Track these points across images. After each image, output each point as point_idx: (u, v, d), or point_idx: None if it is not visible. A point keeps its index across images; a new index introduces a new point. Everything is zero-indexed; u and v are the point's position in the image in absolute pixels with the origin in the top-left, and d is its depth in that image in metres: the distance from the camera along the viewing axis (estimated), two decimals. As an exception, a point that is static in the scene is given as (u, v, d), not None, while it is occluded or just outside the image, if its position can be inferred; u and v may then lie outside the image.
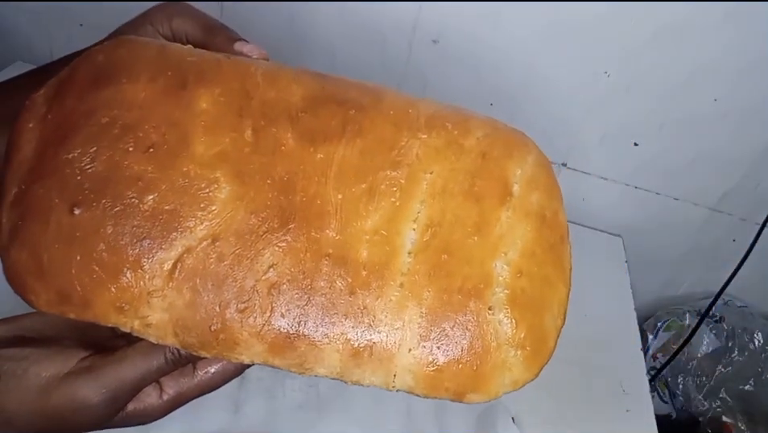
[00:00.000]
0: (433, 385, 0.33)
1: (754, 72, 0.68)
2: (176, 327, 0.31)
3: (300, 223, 0.32)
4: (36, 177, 0.32)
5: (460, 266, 0.33)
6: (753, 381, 0.85)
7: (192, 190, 0.31)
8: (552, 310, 0.37)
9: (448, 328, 0.32)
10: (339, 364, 0.32)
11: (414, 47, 0.72)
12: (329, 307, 0.31)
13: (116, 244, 0.31)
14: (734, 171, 0.77)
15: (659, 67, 0.69)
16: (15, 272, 0.32)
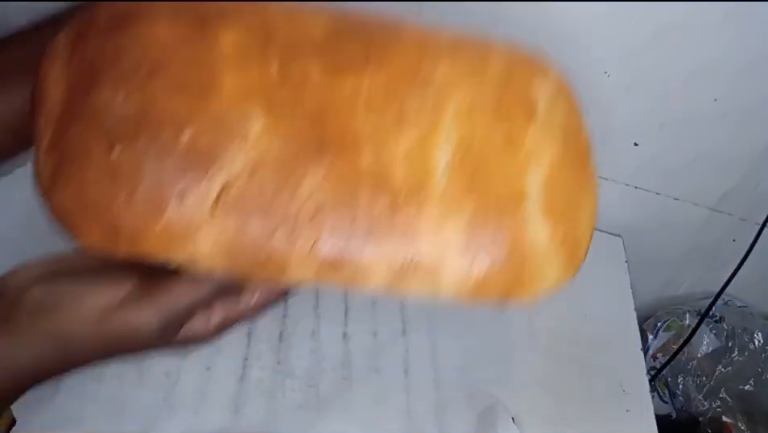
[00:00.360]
0: (477, 293, 0.34)
1: (754, 72, 0.68)
2: (225, 257, 0.32)
3: (336, 150, 0.32)
4: (70, 120, 0.32)
5: (494, 181, 0.34)
6: (753, 381, 0.85)
7: (226, 124, 0.32)
8: (585, 214, 0.39)
9: (487, 239, 0.33)
10: (386, 280, 0.33)
11: (414, 47, 0.72)
12: (373, 226, 0.32)
13: (158, 180, 0.31)
14: (734, 171, 0.77)
15: (659, 67, 0.69)
16: (62, 213, 0.32)
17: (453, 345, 0.62)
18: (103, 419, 0.48)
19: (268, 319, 0.59)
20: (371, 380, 0.57)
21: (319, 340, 0.59)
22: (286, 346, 0.57)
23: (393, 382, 0.57)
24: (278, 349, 0.57)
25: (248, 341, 0.57)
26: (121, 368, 0.52)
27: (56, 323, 0.34)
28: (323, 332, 0.59)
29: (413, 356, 0.60)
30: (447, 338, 0.62)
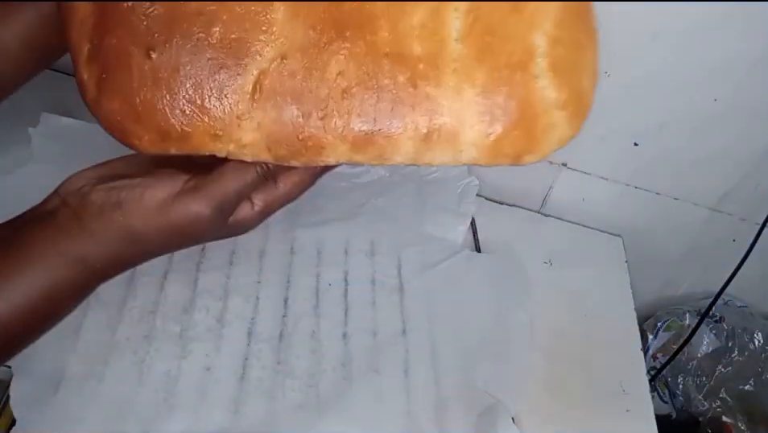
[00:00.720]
0: (495, 153, 0.37)
1: (754, 72, 0.68)
2: (268, 143, 0.35)
3: (354, 29, 0.35)
4: (104, 30, 0.34)
5: (504, 44, 0.36)
6: (753, 381, 0.85)
7: (251, 16, 0.34)
8: (588, 70, 0.43)
9: (501, 101, 0.36)
10: (413, 150, 0.36)
11: (414, 47, 0.72)
12: (397, 100, 0.35)
13: (197, 78, 0.34)
14: (734, 171, 0.77)
15: (659, 67, 0.69)
16: (113, 120, 0.35)
17: (453, 345, 0.62)
18: (103, 419, 0.48)
19: (268, 319, 0.59)
20: (371, 380, 0.57)
21: (319, 340, 0.59)
22: (286, 346, 0.57)
23: (393, 382, 0.57)
24: (279, 349, 0.57)
25: (248, 341, 0.57)
26: (122, 368, 0.51)
27: (123, 218, 0.37)
28: (323, 332, 0.59)
29: (413, 356, 0.60)
30: (447, 338, 0.62)
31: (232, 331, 0.57)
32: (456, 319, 0.64)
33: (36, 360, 0.50)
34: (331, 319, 0.61)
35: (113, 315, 0.54)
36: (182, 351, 0.54)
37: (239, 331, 0.57)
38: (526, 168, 0.83)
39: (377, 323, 0.62)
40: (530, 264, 0.74)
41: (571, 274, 0.75)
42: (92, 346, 0.52)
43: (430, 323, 0.63)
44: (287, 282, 0.62)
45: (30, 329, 0.39)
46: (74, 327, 0.52)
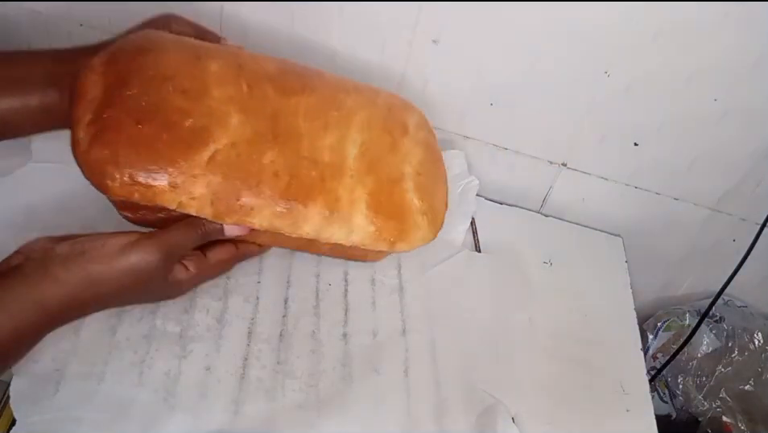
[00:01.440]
0: (377, 236, 0.53)
1: (754, 72, 0.68)
2: (213, 199, 0.47)
3: (285, 138, 0.51)
4: (107, 106, 0.47)
5: (385, 167, 0.54)
6: (753, 381, 0.85)
7: (215, 116, 0.49)
8: (440, 196, 0.58)
9: (383, 199, 0.53)
10: (318, 223, 0.50)
11: (415, 47, 0.72)
12: (311, 186, 0.50)
13: (171, 144, 0.46)
14: (734, 171, 0.77)
15: (659, 67, 0.69)
16: (96, 165, 0.45)
17: (453, 345, 0.62)
18: (103, 419, 0.48)
19: (268, 318, 0.59)
20: (371, 380, 0.57)
21: (319, 340, 0.59)
22: (286, 346, 0.57)
23: (393, 382, 0.57)
24: (279, 349, 0.57)
25: (248, 341, 0.57)
26: (121, 368, 0.51)
27: (86, 262, 0.45)
28: (323, 332, 0.59)
29: (413, 356, 0.60)
30: (447, 338, 0.62)
31: (232, 331, 0.57)
32: (456, 319, 0.64)
33: (36, 360, 0.50)
34: (331, 319, 0.61)
35: (113, 315, 0.54)
36: (182, 351, 0.54)
37: (239, 331, 0.57)
38: (526, 168, 0.83)
39: (377, 323, 0.62)
40: (530, 264, 0.74)
41: (571, 274, 0.75)
42: (92, 346, 0.52)
43: (430, 323, 0.63)
44: (287, 282, 0.62)
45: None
46: (74, 327, 0.52)
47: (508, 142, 0.79)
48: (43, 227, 0.58)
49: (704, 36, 0.66)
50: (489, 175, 0.81)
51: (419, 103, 0.77)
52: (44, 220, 0.59)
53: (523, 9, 0.67)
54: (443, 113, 0.78)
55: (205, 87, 0.50)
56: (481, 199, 0.81)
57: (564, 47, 0.70)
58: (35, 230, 0.58)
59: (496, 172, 0.81)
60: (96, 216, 0.61)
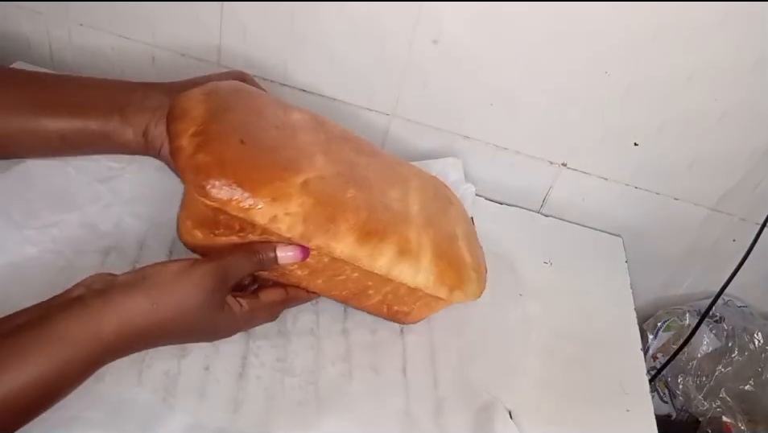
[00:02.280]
0: (439, 280, 0.55)
1: (754, 72, 0.68)
2: (305, 216, 0.50)
3: (361, 184, 0.55)
4: (211, 122, 0.50)
5: (442, 225, 0.59)
6: (753, 381, 0.85)
7: (303, 153, 0.53)
8: (483, 263, 0.62)
9: (444, 249, 0.57)
10: (390, 257, 0.53)
11: (415, 47, 0.72)
12: (386, 224, 0.54)
13: (270, 165, 0.50)
14: (734, 171, 0.77)
15: (659, 67, 0.69)
16: (202, 167, 0.47)
17: (451, 344, 0.62)
18: (103, 419, 0.48)
19: None
20: (369, 378, 0.57)
21: (318, 337, 0.59)
22: (284, 343, 0.58)
23: (391, 381, 0.58)
24: (277, 347, 0.57)
25: (247, 339, 0.57)
26: (121, 367, 0.51)
27: (147, 287, 0.46)
28: (321, 329, 0.60)
29: (411, 355, 0.60)
30: (444, 337, 0.63)
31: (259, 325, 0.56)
32: (454, 319, 0.65)
33: None
34: (330, 316, 0.61)
35: None
36: (181, 350, 0.54)
37: None
38: (526, 168, 0.83)
39: (376, 321, 0.62)
40: (530, 264, 0.74)
41: (571, 274, 0.75)
42: None
43: (428, 322, 0.63)
44: None
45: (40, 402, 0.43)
46: None
47: (508, 142, 0.79)
48: (41, 224, 0.59)
49: (704, 36, 0.66)
50: (489, 175, 0.81)
51: (420, 103, 0.77)
52: (43, 216, 0.60)
53: (523, 9, 0.67)
54: (443, 113, 0.78)
55: (293, 129, 0.55)
56: (481, 199, 0.82)
57: (564, 47, 0.70)
58: (34, 227, 0.58)
59: (496, 172, 0.82)
60: (94, 212, 0.62)
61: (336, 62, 0.76)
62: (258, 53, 0.77)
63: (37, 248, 0.58)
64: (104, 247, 0.60)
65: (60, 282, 0.55)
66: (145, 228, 0.63)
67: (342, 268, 0.54)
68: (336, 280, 0.56)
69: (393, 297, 0.58)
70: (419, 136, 0.80)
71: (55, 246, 0.58)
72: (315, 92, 0.79)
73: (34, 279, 0.55)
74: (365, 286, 0.57)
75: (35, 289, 0.54)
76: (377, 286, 0.57)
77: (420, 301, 0.59)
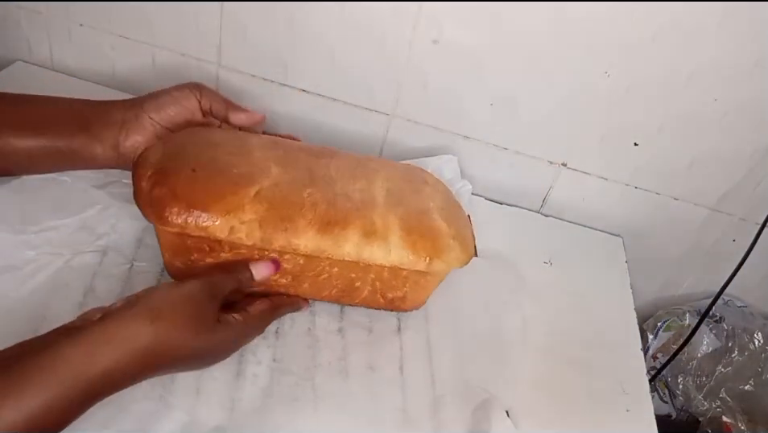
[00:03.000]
0: (414, 255, 0.56)
1: (754, 72, 0.68)
2: (261, 222, 0.53)
3: (320, 182, 0.57)
4: (165, 161, 0.54)
5: (412, 202, 0.60)
6: (753, 381, 0.85)
7: (257, 167, 0.56)
8: (467, 231, 0.62)
9: (414, 223, 0.57)
10: (357, 241, 0.55)
11: (414, 47, 0.72)
12: (347, 212, 0.55)
13: (222, 184, 0.53)
14: (734, 171, 0.77)
15: (659, 67, 0.69)
16: (156, 200, 0.52)
17: (448, 343, 0.62)
18: (99, 418, 0.48)
19: None
20: (366, 376, 0.57)
21: (314, 336, 0.59)
22: (282, 343, 0.58)
23: (388, 379, 0.58)
24: (275, 346, 0.57)
25: None
26: None
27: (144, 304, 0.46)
28: (318, 328, 0.60)
29: (408, 354, 0.60)
30: (441, 336, 0.63)
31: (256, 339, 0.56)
32: (451, 318, 0.65)
33: None
34: (327, 315, 0.61)
35: None
36: None
37: None
38: (526, 168, 0.83)
39: (372, 320, 0.62)
40: (530, 264, 0.74)
41: (571, 274, 0.75)
42: None
43: (425, 321, 0.64)
44: None
45: None
46: None
47: (508, 142, 0.79)
48: (39, 228, 0.59)
49: (704, 36, 0.66)
50: (489, 175, 0.81)
51: (420, 103, 0.77)
52: (41, 221, 0.60)
53: (523, 9, 0.67)
54: (443, 113, 0.78)
55: (249, 150, 0.58)
56: (481, 199, 0.82)
57: (564, 47, 0.70)
58: (32, 232, 0.59)
59: (496, 172, 0.82)
60: (92, 216, 0.62)
61: (336, 62, 0.76)
62: (258, 53, 0.77)
63: (35, 251, 0.58)
64: (102, 247, 0.60)
65: (59, 281, 0.56)
66: (142, 227, 0.63)
67: (320, 265, 0.56)
68: (320, 280, 0.58)
69: (381, 284, 0.59)
70: (419, 136, 0.80)
71: (53, 249, 0.58)
72: (315, 92, 0.79)
73: (33, 280, 0.56)
74: (349, 279, 0.58)
75: (33, 289, 0.55)
76: (361, 277, 0.58)
77: (409, 282, 0.59)
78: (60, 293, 0.56)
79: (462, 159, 0.80)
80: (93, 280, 0.58)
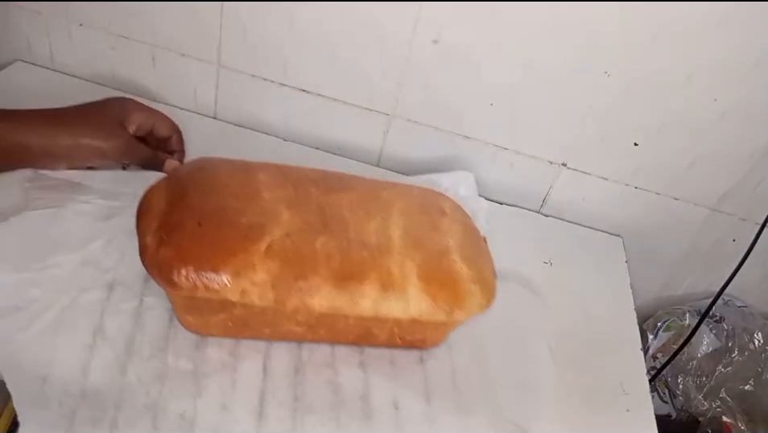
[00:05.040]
0: (433, 307, 0.53)
1: (754, 72, 0.68)
2: (273, 282, 0.50)
3: (333, 226, 0.54)
4: (171, 213, 0.52)
5: (430, 242, 0.57)
6: (753, 381, 0.85)
7: (267, 214, 0.53)
8: (488, 268, 0.59)
9: (433, 269, 0.54)
10: (374, 296, 0.52)
11: (415, 47, 0.72)
12: (362, 264, 0.53)
13: (230, 238, 0.51)
14: (734, 171, 0.77)
15: (659, 67, 0.69)
16: (164, 262, 0.49)
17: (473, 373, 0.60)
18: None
19: (283, 351, 0.57)
20: (392, 412, 0.55)
21: (335, 371, 0.56)
22: (301, 380, 0.55)
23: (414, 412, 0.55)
24: (294, 384, 0.55)
25: (263, 376, 0.54)
26: (134, 412, 0.49)
27: None
28: (338, 362, 0.57)
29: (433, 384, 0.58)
30: (466, 365, 0.60)
31: (247, 367, 0.55)
32: (475, 346, 0.62)
33: (44, 407, 0.47)
34: (347, 348, 0.58)
35: (121, 353, 0.52)
36: (196, 389, 0.52)
37: (255, 366, 0.55)
38: (526, 168, 0.83)
39: (394, 352, 0.59)
40: (530, 264, 0.74)
41: (571, 274, 0.75)
42: (102, 388, 0.50)
43: (448, 349, 0.61)
44: None
45: None
46: (81, 368, 0.50)
47: (508, 142, 0.79)
48: (43, 266, 0.57)
49: (704, 36, 0.66)
50: (489, 175, 0.81)
51: (420, 103, 0.77)
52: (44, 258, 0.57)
53: (523, 9, 0.67)
54: (443, 113, 0.78)
55: (256, 191, 0.55)
56: (481, 199, 0.81)
57: (564, 47, 0.70)
58: (35, 269, 0.56)
59: (496, 172, 0.82)
60: (96, 249, 0.60)
61: (336, 62, 0.76)
62: (257, 53, 0.77)
63: (41, 289, 0.55)
64: (108, 282, 0.58)
65: (66, 321, 0.53)
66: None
67: (336, 317, 0.53)
68: (336, 328, 0.55)
69: (399, 330, 0.57)
70: (419, 136, 0.80)
71: (58, 286, 0.56)
72: (315, 92, 0.79)
73: (39, 320, 0.53)
74: (366, 327, 0.56)
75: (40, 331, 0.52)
76: (378, 325, 0.56)
77: (429, 327, 0.57)
78: (68, 334, 0.53)
79: (462, 159, 0.80)
80: (102, 319, 0.55)
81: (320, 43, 0.74)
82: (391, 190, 0.61)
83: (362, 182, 0.62)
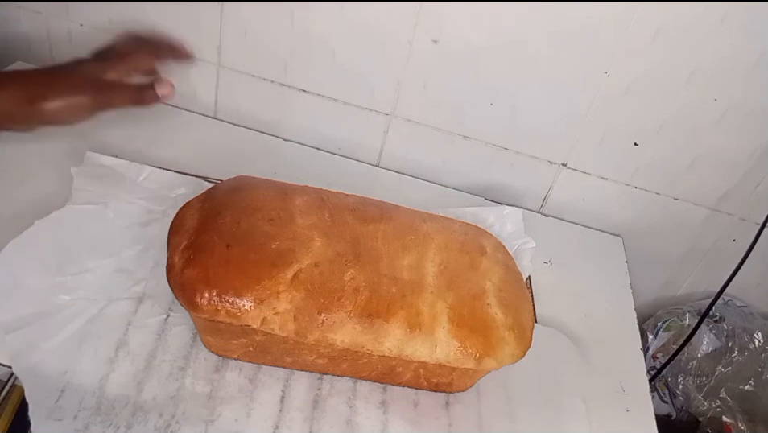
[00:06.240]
0: (461, 353, 0.50)
1: (754, 72, 0.68)
2: (295, 313, 0.49)
3: (365, 258, 0.52)
4: (202, 233, 0.52)
5: (466, 283, 0.54)
6: (753, 381, 0.85)
7: (299, 240, 0.52)
8: (527, 313, 0.55)
9: (465, 313, 0.51)
10: (400, 337, 0.50)
11: (415, 47, 0.72)
12: (391, 301, 0.50)
13: (257, 264, 0.49)
14: (734, 171, 0.77)
15: (659, 67, 0.69)
16: (188, 283, 0.49)
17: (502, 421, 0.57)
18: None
19: (304, 382, 0.56)
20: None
21: (354, 409, 0.55)
22: (319, 414, 0.53)
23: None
24: (312, 418, 0.53)
25: (280, 406, 0.53)
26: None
27: None
28: (359, 400, 0.55)
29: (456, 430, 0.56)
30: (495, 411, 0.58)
31: (265, 395, 0.54)
32: (506, 393, 0.60)
33: (58, 418, 0.47)
34: (369, 384, 0.57)
35: (141, 369, 0.52)
36: (210, 414, 0.51)
37: (272, 394, 0.54)
38: (526, 168, 0.83)
39: (419, 392, 0.58)
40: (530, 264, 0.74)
41: (571, 274, 0.75)
42: (117, 404, 0.49)
43: (477, 393, 0.59)
44: None
45: None
46: (99, 381, 0.50)
47: (508, 142, 0.79)
48: (77, 270, 0.57)
49: (704, 36, 0.66)
50: (489, 175, 0.81)
51: (420, 103, 0.77)
52: (79, 261, 0.57)
53: (523, 9, 0.67)
54: (443, 113, 0.78)
55: (291, 216, 0.54)
56: (481, 199, 0.82)
57: (564, 47, 0.70)
58: (70, 273, 0.56)
59: (496, 172, 0.82)
60: (131, 257, 0.60)
61: (336, 62, 0.76)
62: (258, 53, 0.77)
63: (70, 295, 0.55)
64: (138, 294, 0.57)
65: (92, 332, 0.53)
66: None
67: (359, 352, 0.51)
68: (359, 363, 0.54)
69: (424, 371, 0.54)
70: (420, 136, 0.80)
71: (88, 293, 0.56)
72: (315, 92, 0.79)
73: (65, 329, 0.53)
74: (390, 365, 0.54)
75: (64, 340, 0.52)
76: (403, 364, 0.53)
77: (456, 372, 0.54)
78: (92, 346, 0.53)
79: (462, 159, 0.80)
80: (127, 332, 0.54)
81: (320, 43, 0.74)
82: (431, 223, 0.59)
83: (402, 212, 0.59)
